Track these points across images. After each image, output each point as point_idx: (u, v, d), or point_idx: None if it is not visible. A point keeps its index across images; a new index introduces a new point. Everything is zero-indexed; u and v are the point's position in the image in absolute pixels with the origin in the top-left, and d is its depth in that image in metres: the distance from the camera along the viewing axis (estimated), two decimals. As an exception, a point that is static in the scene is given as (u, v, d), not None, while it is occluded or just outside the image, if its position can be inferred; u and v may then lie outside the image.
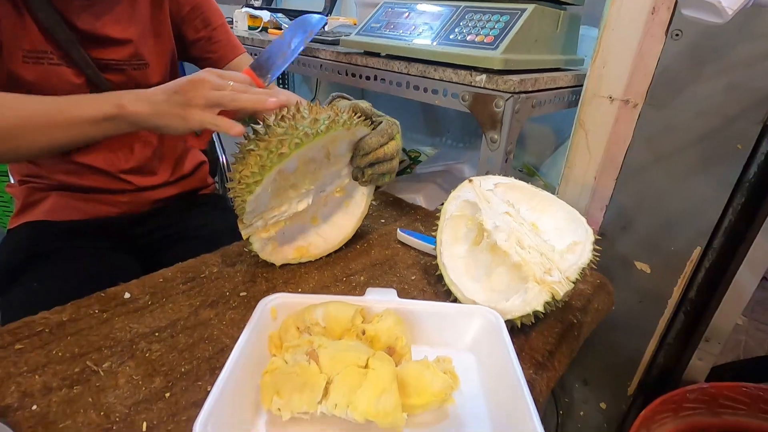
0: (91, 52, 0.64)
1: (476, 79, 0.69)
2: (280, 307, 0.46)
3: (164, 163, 0.78)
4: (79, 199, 0.71)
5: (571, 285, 0.46)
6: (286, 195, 0.57)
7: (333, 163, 0.59)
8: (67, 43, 0.62)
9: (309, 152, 0.54)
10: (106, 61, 0.66)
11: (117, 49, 0.67)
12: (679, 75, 0.70)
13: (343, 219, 0.65)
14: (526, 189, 0.61)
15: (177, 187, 0.82)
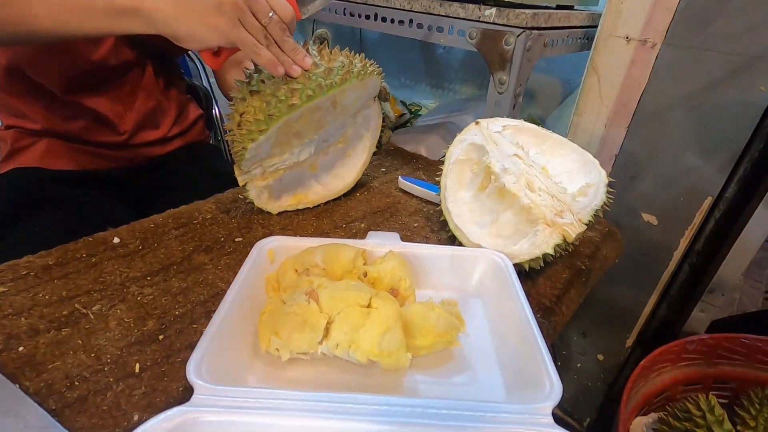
0: None
1: (485, 14, 0.64)
2: (278, 250, 0.44)
3: (167, 117, 0.74)
4: (74, 150, 0.67)
5: (584, 227, 0.44)
6: (289, 143, 0.54)
7: (339, 113, 0.55)
8: None
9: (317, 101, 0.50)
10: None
11: None
12: (703, 10, 0.65)
13: (343, 168, 0.62)
14: (536, 131, 0.58)
15: (176, 141, 0.78)
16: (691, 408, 0.69)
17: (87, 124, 0.66)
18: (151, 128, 0.73)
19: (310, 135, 0.55)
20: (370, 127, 0.61)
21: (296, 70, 0.46)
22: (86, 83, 0.64)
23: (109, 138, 0.68)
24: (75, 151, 0.67)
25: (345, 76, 0.47)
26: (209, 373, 0.29)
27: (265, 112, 0.45)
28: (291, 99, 0.45)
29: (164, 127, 0.75)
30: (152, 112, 0.72)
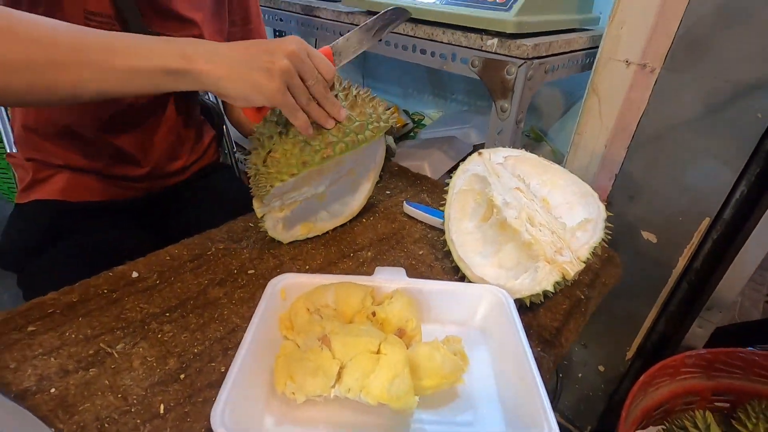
0: (151, 25, 0.62)
1: (487, 44, 0.65)
2: (290, 288, 0.46)
3: (185, 147, 0.77)
4: (95, 182, 0.69)
5: (582, 265, 0.46)
6: (310, 179, 0.56)
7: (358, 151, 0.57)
8: (128, 11, 0.58)
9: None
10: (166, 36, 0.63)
11: (180, 26, 0.65)
12: (702, 38, 0.66)
13: (349, 196, 0.64)
14: (536, 162, 0.60)
15: (193, 167, 0.81)
16: (688, 425, 0.71)
17: (110, 160, 0.68)
18: (171, 160, 0.76)
19: (330, 170, 0.57)
20: (376, 159, 0.63)
21: (331, 123, 0.49)
22: (114, 123, 0.66)
23: (130, 172, 0.71)
24: (95, 184, 0.70)
25: (375, 131, 0.50)
26: (232, 420, 0.32)
27: (299, 158, 0.47)
28: (326, 150, 0.48)
29: (183, 158, 0.78)
30: (172, 145, 0.75)
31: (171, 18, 0.64)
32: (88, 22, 0.57)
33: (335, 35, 0.89)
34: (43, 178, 0.69)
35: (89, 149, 0.68)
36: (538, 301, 0.47)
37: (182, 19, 0.65)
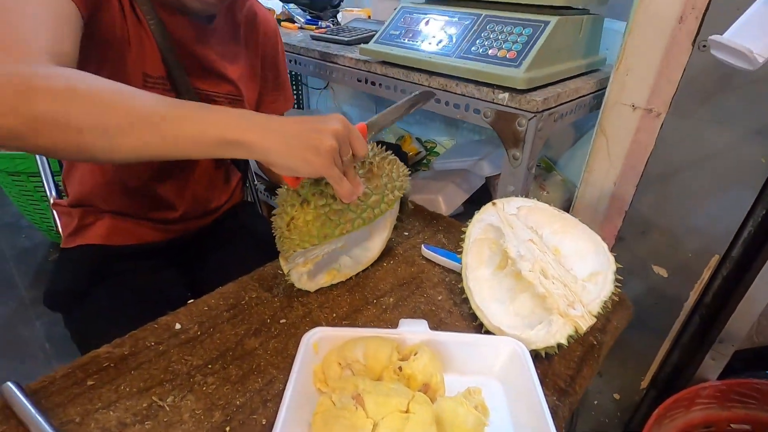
0: (195, 82, 0.68)
1: (499, 97, 0.69)
2: (321, 341, 0.50)
3: (216, 190, 0.82)
4: (134, 226, 0.75)
5: (594, 320, 0.49)
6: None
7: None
8: (176, 70, 0.65)
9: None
10: (206, 93, 0.70)
11: (220, 83, 0.71)
12: (704, 86, 0.70)
13: (369, 242, 0.68)
14: (548, 211, 0.63)
15: (223, 207, 0.87)
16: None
17: (148, 206, 0.74)
18: (204, 202, 0.81)
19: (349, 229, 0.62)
20: (394, 208, 0.67)
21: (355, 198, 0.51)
22: (157, 172, 0.72)
23: (166, 215, 0.76)
24: (135, 228, 0.75)
25: (390, 202, 0.54)
26: (278, 477, 0.35)
27: (320, 231, 0.52)
28: (345, 226, 0.52)
29: (214, 200, 0.84)
30: (205, 188, 0.81)
31: (212, 76, 0.70)
32: (145, 83, 0.63)
33: (351, 80, 0.94)
34: (87, 224, 0.75)
35: (132, 196, 0.74)
36: (552, 353, 0.50)
37: (222, 76, 0.71)
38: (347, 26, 1.18)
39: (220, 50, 0.70)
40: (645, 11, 0.71)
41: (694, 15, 0.67)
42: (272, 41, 0.80)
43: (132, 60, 0.61)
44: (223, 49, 0.71)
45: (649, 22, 0.71)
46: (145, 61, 0.62)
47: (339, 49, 0.99)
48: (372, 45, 0.86)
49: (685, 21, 0.68)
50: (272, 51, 0.80)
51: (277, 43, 0.81)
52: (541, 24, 0.70)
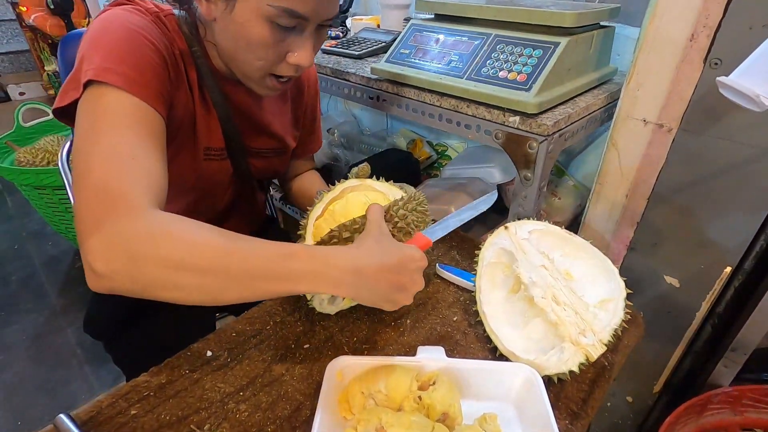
0: (246, 141, 0.72)
1: (509, 120, 0.71)
2: (345, 369, 0.53)
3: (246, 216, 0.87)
4: None
5: (605, 348, 0.51)
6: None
7: None
8: (234, 136, 0.69)
9: None
10: (257, 149, 0.74)
11: (269, 140, 0.75)
12: (716, 103, 0.70)
13: None
14: (559, 234, 0.65)
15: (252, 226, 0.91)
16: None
17: None
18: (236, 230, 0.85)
19: None
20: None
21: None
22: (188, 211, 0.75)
23: None
24: None
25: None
26: None
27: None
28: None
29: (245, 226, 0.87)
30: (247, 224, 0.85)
31: (263, 135, 0.74)
32: (207, 156, 0.67)
33: (363, 97, 0.96)
34: None
35: None
36: (565, 378, 0.53)
37: (272, 134, 0.75)
38: (357, 37, 1.19)
39: (271, 111, 0.74)
40: (656, 29, 0.71)
41: (706, 33, 0.67)
42: (313, 94, 0.84)
43: (198, 137, 0.65)
44: (273, 109, 0.75)
45: (660, 40, 0.71)
46: (210, 136, 0.66)
47: (350, 65, 1.00)
48: (383, 64, 0.87)
49: (696, 39, 0.68)
50: (312, 102, 0.85)
51: (317, 94, 0.85)
52: (551, 45, 0.71)
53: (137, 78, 0.50)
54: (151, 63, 0.52)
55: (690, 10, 0.67)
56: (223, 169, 0.71)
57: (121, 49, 0.50)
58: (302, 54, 0.57)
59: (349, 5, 1.55)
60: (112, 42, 0.51)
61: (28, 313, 1.56)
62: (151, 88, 0.51)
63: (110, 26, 0.52)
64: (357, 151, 1.57)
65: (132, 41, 0.52)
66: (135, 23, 0.54)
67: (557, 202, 1.13)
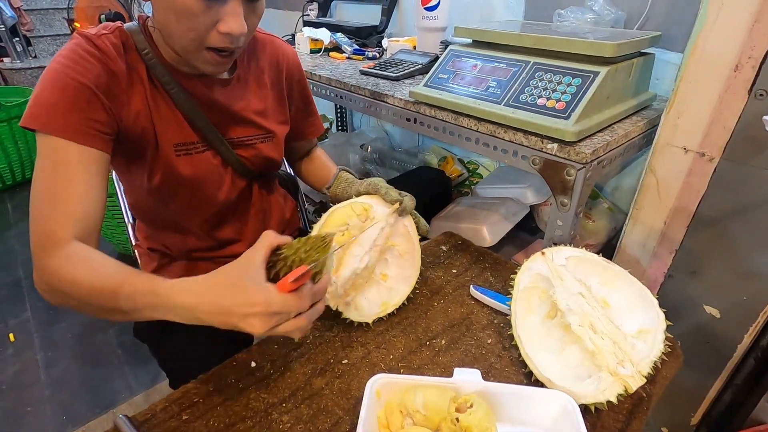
0: (224, 134, 0.74)
1: (547, 147, 0.72)
2: (384, 387, 0.55)
3: (272, 221, 0.90)
4: (207, 264, 0.83)
5: (644, 380, 0.51)
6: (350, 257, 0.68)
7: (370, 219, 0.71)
8: (205, 128, 0.70)
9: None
10: (239, 139, 0.76)
11: (249, 128, 0.76)
12: (760, 134, 0.69)
13: (405, 267, 0.74)
14: (597, 262, 0.65)
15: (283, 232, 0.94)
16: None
17: (215, 249, 0.82)
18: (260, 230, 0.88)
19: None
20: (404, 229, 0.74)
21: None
22: (214, 219, 0.79)
23: (234, 250, 0.84)
24: (208, 265, 0.83)
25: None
26: None
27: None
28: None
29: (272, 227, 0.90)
30: (261, 222, 0.87)
31: (241, 124, 0.75)
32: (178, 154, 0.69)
33: (400, 119, 0.99)
34: (163, 264, 0.84)
35: (197, 240, 0.81)
36: (602, 408, 0.53)
37: (250, 122, 0.75)
38: (394, 59, 1.23)
39: (246, 98, 0.74)
40: (698, 59, 0.71)
41: (751, 64, 0.67)
42: (297, 76, 0.84)
43: (163, 135, 0.67)
44: (249, 95, 0.75)
45: (702, 70, 0.71)
46: (178, 132, 0.68)
47: (388, 87, 1.04)
48: (421, 88, 0.90)
49: (741, 70, 0.68)
50: (298, 85, 0.85)
51: (302, 76, 0.86)
52: (590, 75, 0.72)
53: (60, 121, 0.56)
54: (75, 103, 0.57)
55: (734, 41, 0.67)
56: (204, 162, 0.72)
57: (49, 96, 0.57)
58: (231, 21, 0.56)
59: (386, 26, 1.61)
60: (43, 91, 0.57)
61: (74, 313, 1.65)
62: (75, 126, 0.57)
63: (44, 75, 0.58)
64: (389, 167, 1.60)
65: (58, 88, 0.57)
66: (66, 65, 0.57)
67: (591, 224, 1.13)
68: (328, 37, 1.47)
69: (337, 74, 1.18)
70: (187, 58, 0.62)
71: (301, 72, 0.86)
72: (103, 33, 0.62)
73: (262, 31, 0.80)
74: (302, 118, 0.90)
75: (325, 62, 1.37)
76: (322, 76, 1.19)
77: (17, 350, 1.50)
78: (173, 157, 0.69)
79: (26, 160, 2.57)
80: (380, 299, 0.72)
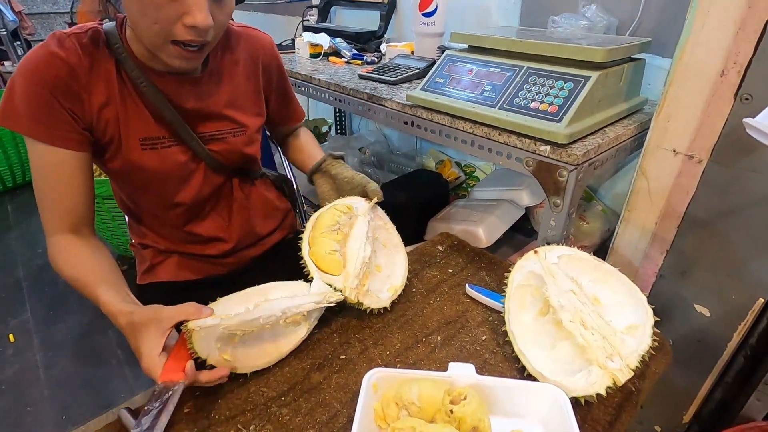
0: (195, 129, 0.74)
1: (540, 149, 0.74)
2: (380, 381, 0.56)
3: (260, 218, 0.91)
4: (196, 263, 0.85)
5: (632, 373, 0.53)
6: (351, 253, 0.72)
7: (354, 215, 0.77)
8: (174, 124, 0.71)
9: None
10: (210, 134, 0.76)
11: (219, 122, 0.77)
12: (747, 137, 0.71)
13: (392, 253, 0.78)
14: (588, 261, 0.67)
15: (274, 237, 0.95)
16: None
17: (201, 245, 0.84)
18: (252, 231, 0.89)
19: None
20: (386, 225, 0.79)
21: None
22: (191, 215, 0.81)
23: (221, 248, 0.85)
24: (198, 264, 0.85)
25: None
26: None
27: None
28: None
29: (262, 227, 0.92)
30: (248, 218, 0.88)
31: (212, 118, 0.76)
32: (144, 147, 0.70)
33: (398, 123, 1.01)
34: (158, 262, 0.85)
35: (184, 237, 0.83)
36: (592, 401, 0.55)
37: (221, 116, 0.76)
38: (392, 63, 1.25)
39: (218, 93, 0.75)
40: (686, 65, 0.73)
41: (736, 70, 0.69)
42: (274, 66, 0.85)
43: (128, 129, 0.68)
44: (221, 90, 0.76)
45: (690, 75, 0.73)
46: (144, 126, 0.69)
47: (386, 91, 1.06)
48: (418, 92, 0.92)
49: (727, 75, 0.70)
50: (276, 76, 0.86)
51: (279, 65, 0.86)
52: (582, 79, 0.74)
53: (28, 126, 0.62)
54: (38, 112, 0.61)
55: (720, 47, 0.70)
56: (171, 156, 0.72)
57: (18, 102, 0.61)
58: (197, 14, 0.57)
59: (384, 31, 1.63)
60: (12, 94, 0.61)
61: (74, 314, 1.66)
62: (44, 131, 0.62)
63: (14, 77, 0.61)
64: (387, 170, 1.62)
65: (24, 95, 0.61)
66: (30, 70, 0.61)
67: (585, 226, 1.15)
68: (327, 42, 1.49)
69: (336, 78, 1.20)
70: (155, 52, 0.62)
71: (279, 61, 0.86)
72: (74, 32, 0.65)
73: (237, 24, 0.81)
74: (281, 106, 0.91)
75: (325, 67, 1.40)
76: (321, 80, 1.21)
77: (17, 350, 1.51)
78: (138, 151, 0.69)
79: (26, 163, 2.59)
80: (384, 286, 0.74)
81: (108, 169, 0.73)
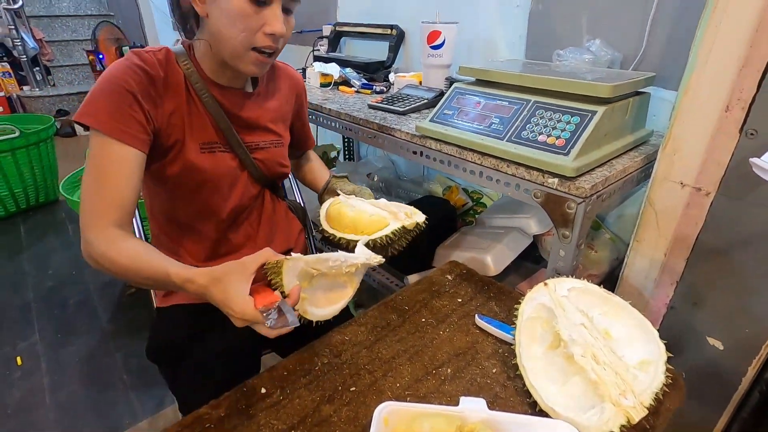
0: (243, 138, 0.83)
1: (548, 181, 0.75)
2: (391, 415, 0.56)
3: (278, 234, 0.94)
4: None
5: (646, 411, 0.53)
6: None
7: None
8: (227, 132, 0.80)
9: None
10: (255, 143, 0.85)
11: (264, 133, 0.87)
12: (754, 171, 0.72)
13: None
14: (599, 294, 0.67)
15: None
16: None
17: (228, 255, 0.85)
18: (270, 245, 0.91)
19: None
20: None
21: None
22: (228, 221, 0.84)
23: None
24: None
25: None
26: None
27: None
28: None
29: (278, 242, 0.93)
30: (270, 233, 0.92)
31: (258, 130, 0.86)
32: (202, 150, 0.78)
33: (407, 152, 1.03)
34: None
35: (210, 245, 0.85)
36: (605, 439, 0.54)
37: (265, 128, 0.87)
38: (401, 93, 1.29)
39: (264, 109, 0.86)
40: (691, 101, 0.75)
41: (740, 106, 0.71)
42: (302, 99, 0.99)
43: (192, 133, 0.77)
44: (266, 107, 0.87)
45: (695, 111, 0.75)
46: (203, 131, 0.78)
47: (395, 121, 1.08)
48: (427, 123, 0.95)
49: (731, 110, 0.72)
50: (301, 107, 0.99)
51: (305, 99, 1.01)
52: (588, 114, 0.76)
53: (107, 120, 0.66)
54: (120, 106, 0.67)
55: (723, 84, 0.71)
56: (223, 161, 0.81)
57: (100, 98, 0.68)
58: (275, 24, 0.69)
59: (393, 61, 1.68)
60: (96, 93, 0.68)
61: (82, 336, 1.66)
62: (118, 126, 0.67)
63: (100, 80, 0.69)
64: (395, 196, 1.63)
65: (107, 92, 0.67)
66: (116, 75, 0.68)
67: (594, 255, 1.15)
68: (337, 72, 1.54)
69: (346, 108, 1.23)
70: (234, 61, 0.72)
71: (305, 95, 1.01)
72: (150, 50, 0.75)
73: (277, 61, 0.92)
74: (300, 132, 1.02)
75: (335, 96, 1.43)
76: (332, 109, 1.24)
77: (24, 374, 1.51)
78: (197, 153, 0.77)
79: (41, 185, 2.64)
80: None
81: (165, 175, 0.77)
